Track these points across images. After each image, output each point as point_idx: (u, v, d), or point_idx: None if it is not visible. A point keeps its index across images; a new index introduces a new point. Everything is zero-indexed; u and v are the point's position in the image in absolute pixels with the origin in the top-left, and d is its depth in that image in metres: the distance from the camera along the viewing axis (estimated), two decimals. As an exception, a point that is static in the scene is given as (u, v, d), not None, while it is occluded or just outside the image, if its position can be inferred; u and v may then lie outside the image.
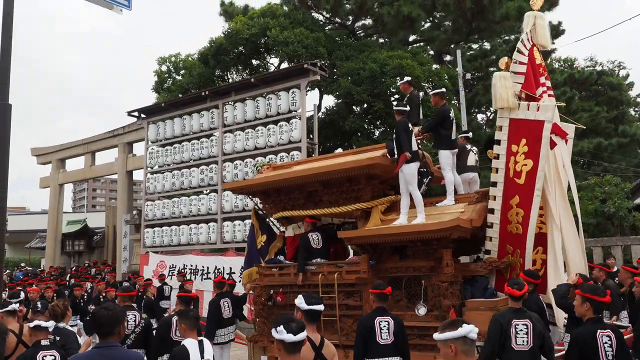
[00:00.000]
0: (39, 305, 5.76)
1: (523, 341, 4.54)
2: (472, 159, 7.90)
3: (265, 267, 7.76)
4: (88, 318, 9.77)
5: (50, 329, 4.82)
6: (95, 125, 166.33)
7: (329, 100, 20.62)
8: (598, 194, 14.93)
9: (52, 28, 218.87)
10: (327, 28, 20.82)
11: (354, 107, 18.57)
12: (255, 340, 7.67)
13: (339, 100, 18.94)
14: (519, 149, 5.91)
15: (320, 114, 18.75)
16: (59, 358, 4.45)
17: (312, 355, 3.67)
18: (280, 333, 3.04)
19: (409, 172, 6.39)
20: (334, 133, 18.91)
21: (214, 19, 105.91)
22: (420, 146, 7.03)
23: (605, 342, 4.25)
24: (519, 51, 6.30)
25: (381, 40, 21.57)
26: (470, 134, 9.06)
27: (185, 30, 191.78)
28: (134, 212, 19.93)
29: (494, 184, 6.12)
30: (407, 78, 8.66)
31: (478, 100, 20.97)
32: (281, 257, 7.98)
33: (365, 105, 17.75)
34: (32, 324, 4.70)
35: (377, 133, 18.97)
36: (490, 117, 24.31)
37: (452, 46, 20.52)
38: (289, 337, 3.02)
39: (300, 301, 3.94)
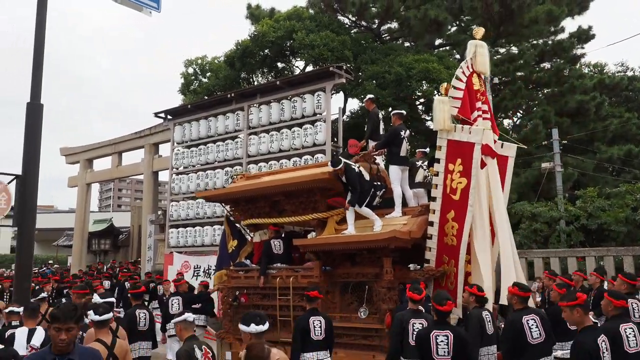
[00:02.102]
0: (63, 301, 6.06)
1: None
2: (420, 175, 8.20)
3: (233, 270, 8.44)
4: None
5: (21, 313, 5.66)
6: (113, 124, 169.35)
7: (354, 104, 20.62)
8: (629, 201, 14.56)
9: (69, 26, 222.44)
10: (352, 31, 20.77)
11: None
12: (222, 337, 8.32)
13: (364, 104, 18.85)
14: (455, 168, 6.50)
15: (344, 117, 18.71)
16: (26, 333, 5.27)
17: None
18: (91, 315, 4.49)
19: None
20: (359, 136, 18.75)
21: (240, 22, 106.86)
22: (376, 161, 7.73)
23: (441, 341, 4.76)
24: (458, 78, 6.86)
25: (407, 44, 21.44)
26: (427, 150, 9.35)
27: (210, 33, 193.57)
28: (159, 212, 20.17)
29: (434, 199, 6.69)
30: (370, 96, 9.07)
31: (505, 104, 20.65)
32: (247, 261, 8.59)
33: (390, 109, 17.66)
34: (7, 310, 5.94)
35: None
36: (517, 122, 23.92)
37: (479, 50, 20.25)
38: (97, 318, 4.47)
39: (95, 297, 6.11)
